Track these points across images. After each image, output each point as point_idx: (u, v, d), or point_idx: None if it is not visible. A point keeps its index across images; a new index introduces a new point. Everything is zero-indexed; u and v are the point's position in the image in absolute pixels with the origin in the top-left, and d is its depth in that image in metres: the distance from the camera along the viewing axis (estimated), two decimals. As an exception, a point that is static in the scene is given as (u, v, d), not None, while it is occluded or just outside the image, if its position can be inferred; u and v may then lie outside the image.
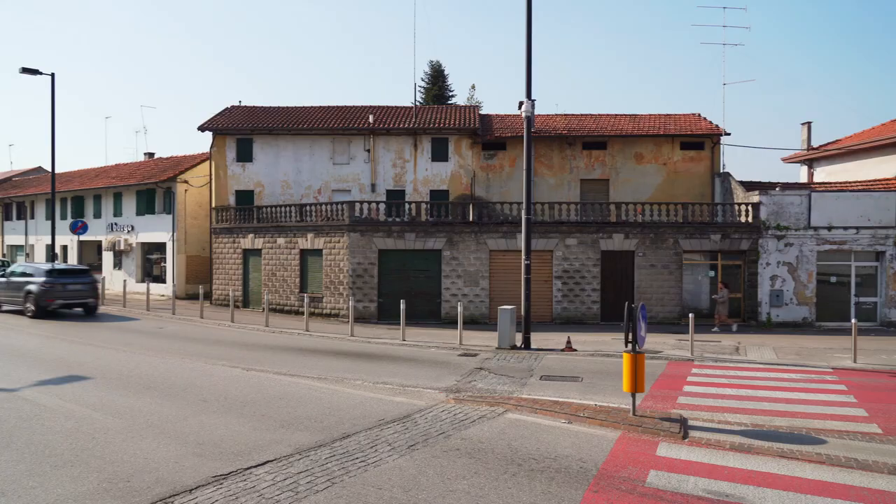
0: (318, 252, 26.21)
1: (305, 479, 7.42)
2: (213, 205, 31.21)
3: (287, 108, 34.04)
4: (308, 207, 27.19)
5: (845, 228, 24.02)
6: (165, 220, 34.08)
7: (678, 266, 24.57)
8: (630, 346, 10.11)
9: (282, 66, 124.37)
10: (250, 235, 28.59)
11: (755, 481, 7.62)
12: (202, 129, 31.16)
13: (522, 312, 18.41)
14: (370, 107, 33.65)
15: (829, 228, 24.06)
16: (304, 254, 26.78)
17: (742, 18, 72.34)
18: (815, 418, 10.85)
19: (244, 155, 31.27)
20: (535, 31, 26.84)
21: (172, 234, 33.54)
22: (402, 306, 19.99)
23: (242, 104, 34.86)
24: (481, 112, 34.73)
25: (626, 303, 10.44)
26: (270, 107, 34.25)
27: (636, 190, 29.69)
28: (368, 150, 30.77)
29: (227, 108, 33.96)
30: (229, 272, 29.54)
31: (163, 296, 32.55)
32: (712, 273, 24.84)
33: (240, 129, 31.08)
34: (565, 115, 33.17)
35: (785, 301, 24.12)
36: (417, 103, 37.76)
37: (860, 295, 24.26)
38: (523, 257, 18.44)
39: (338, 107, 33.90)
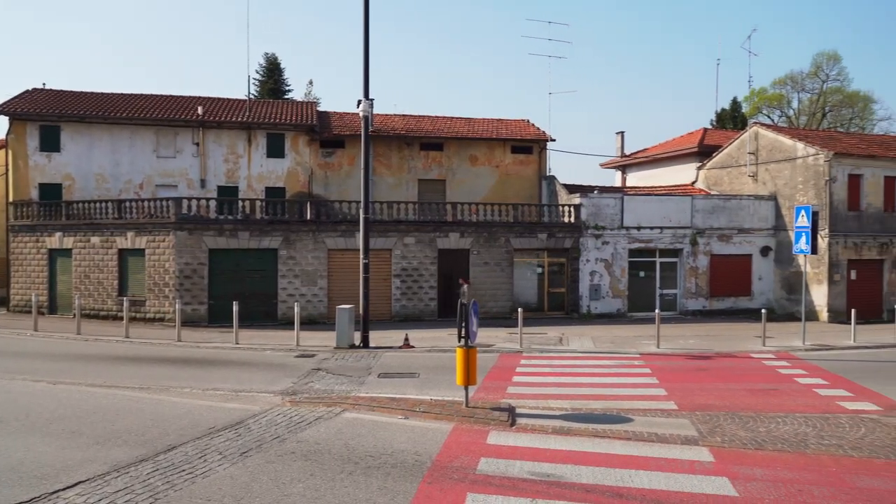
0: (140, 252, 24.21)
1: (124, 498, 6.86)
2: (11, 199, 27.56)
3: (102, 93, 30.99)
4: (128, 203, 25.01)
5: (651, 228, 26.88)
6: (-51, 216, 29.55)
7: (510, 263, 25.96)
8: (463, 341, 10.54)
9: (96, 51, 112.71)
10: (58, 234, 25.69)
11: (573, 460, 8.31)
12: (-4, 112, 27.43)
13: (361, 311, 18.43)
14: (199, 98, 31.69)
15: (639, 228, 26.77)
16: (124, 254, 24.60)
17: (566, 34, 78.59)
18: (625, 399, 12.06)
19: (50, 144, 28.01)
20: (373, 30, 26.86)
21: (-41, 232, 29.17)
22: (235, 308, 19.11)
23: (47, 87, 31.21)
24: (319, 108, 34.14)
25: (459, 300, 10.86)
26: (82, 92, 30.98)
27: (471, 190, 30.88)
28: (197, 144, 28.99)
29: (27, 91, 30.17)
30: (32, 275, 26.31)
31: (-53, 303, 28.22)
32: (540, 270, 26.57)
33: (44, 114, 27.78)
34: (403, 115, 33.66)
35: (602, 294, 26.45)
36: (252, 97, 36.28)
37: (663, 287, 27.28)
38: (361, 256, 18.46)
39: (162, 96, 31.53)
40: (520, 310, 19.36)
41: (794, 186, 27.14)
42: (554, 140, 32.26)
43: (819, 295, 26.06)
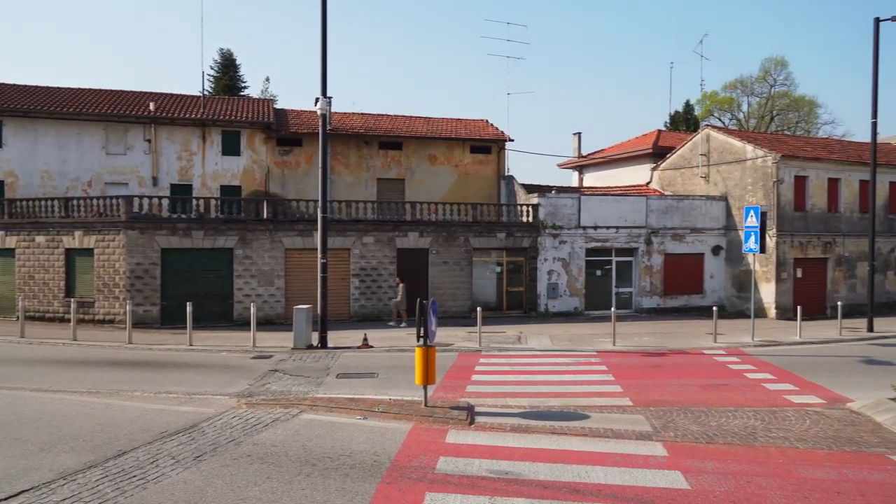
0: (89, 252, 23.43)
1: (70, 506, 6.64)
2: (-50, 197, 26.39)
3: (48, 87, 29.92)
4: (76, 202, 24.17)
5: (607, 228, 27.33)
6: None
7: (469, 263, 26.05)
8: (422, 340, 10.53)
9: (41, 44, 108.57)
10: (0, 233, 24.68)
11: (531, 457, 8.39)
12: (-66, 106, 26.19)
13: (319, 311, 18.24)
14: (151, 93, 30.87)
15: (595, 228, 27.19)
16: (71, 254, 23.78)
17: (524, 35, 79.53)
18: (582, 396, 12.23)
19: (-8, 139, 26.89)
20: (331, 27, 26.62)
21: None
22: (189, 309, 18.67)
23: (-11, 80, 29.97)
24: (276, 106, 33.66)
25: (418, 299, 10.85)
26: (26, 85, 29.85)
27: (430, 190, 30.89)
28: (149, 141, 28.22)
29: (-32, 84, 28.94)
30: (-27, 276, 25.20)
31: None
32: (498, 269, 26.74)
33: (-14, 108, 26.67)
34: (362, 113, 33.44)
35: (560, 293, 26.77)
36: (206, 93, 35.52)
37: (619, 286, 27.77)
38: (319, 256, 18.28)
39: (112, 91, 30.60)
40: (479, 309, 19.43)
41: (743, 187, 27.97)
42: (513, 140, 32.56)
43: (767, 292, 26.92)
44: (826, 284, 28.24)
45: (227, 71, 47.98)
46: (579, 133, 39.95)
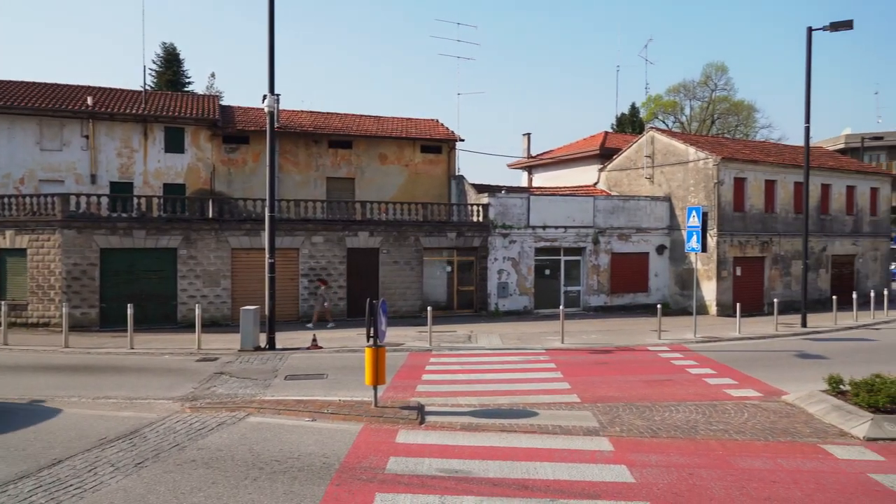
0: (21, 252, 22.39)
1: (0, 519, 6.33)
2: None
3: (-23, 80, 28.49)
4: (7, 199, 23.03)
5: (556, 227, 27.73)
6: None
7: (419, 262, 26.02)
8: (372, 340, 10.46)
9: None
10: (-76, 232, 23.31)
11: (481, 455, 8.44)
12: None
13: (267, 312, 17.91)
14: (89, 87, 29.71)
15: (544, 227, 27.55)
16: (2, 254, 22.65)
17: (474, 35, 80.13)
18: (531, 394, 12.38)
19: (-86, 133, 25.39)
20: (280, 24, 26.13)
21: None
22: (130, 311, 18.04)
23: (-89, 70, 28.30)
24: (223, 102, 32.92)
25: (368, 299, 10.78)
26: (-47, 77, 28.33)
27: (380, 189, 30.73)
28: (87, 137, 27.15)
29: None
30: None
31: None
32: (449, 268, 26.80)
33: None
34: (311, 112, 33.02)
35: (510, 292, 27.02)
36: (148, 88, 34.42)
37: (567, 285, 28.22)
38: (267, 256, 17.95)
39: (47, 84, 29.31)
40: (429, 308, 19.43)
41: (686, 188, 28.82)
42: (463, 140, 32.67)
43: (709, 290, 27.81)
44: (764, 282, 29.36)
45: (171, 66, 46.57)
46: (529, 134, 40.45)
